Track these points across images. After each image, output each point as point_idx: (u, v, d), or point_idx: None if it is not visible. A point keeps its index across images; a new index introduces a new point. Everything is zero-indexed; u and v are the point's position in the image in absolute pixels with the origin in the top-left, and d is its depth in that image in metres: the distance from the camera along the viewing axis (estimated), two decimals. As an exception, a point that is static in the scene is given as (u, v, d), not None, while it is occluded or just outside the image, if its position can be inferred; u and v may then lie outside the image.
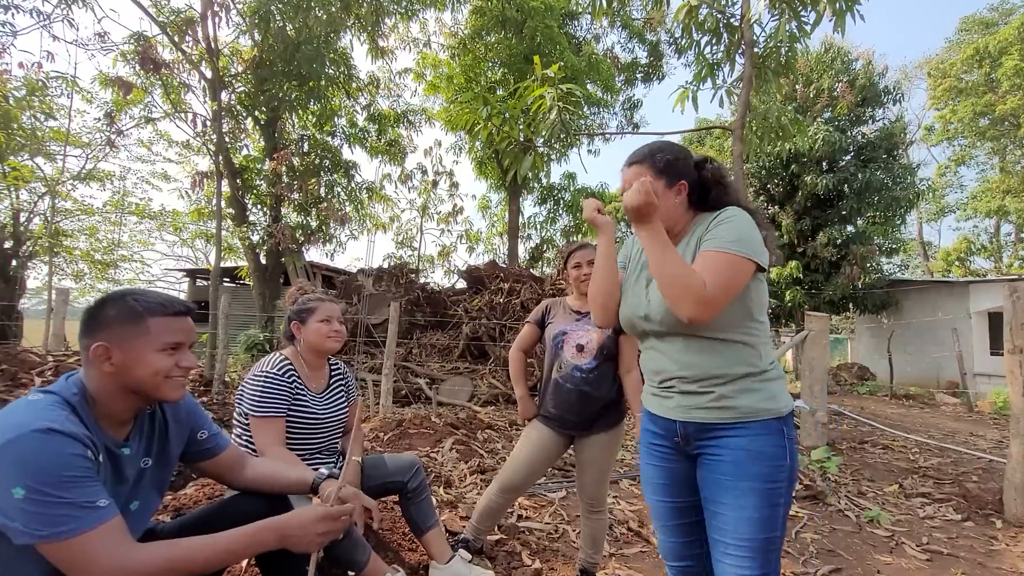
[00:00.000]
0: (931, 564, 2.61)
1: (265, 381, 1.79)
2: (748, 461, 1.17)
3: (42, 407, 1.00)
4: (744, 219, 1.22)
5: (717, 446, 1.22)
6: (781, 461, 1.18)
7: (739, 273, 1.16)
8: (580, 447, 2.12)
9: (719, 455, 1.21)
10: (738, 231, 1.19)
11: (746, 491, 1.17)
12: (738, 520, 1.17)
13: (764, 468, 1.17)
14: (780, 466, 1.18)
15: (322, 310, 1.95)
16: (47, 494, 0.91)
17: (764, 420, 1.20)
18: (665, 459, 1.35)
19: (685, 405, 1.27)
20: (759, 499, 1.16)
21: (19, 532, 0.90)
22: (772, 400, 1.21)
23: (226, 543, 1.09)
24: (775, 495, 1.17)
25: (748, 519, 1.15)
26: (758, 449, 1.18)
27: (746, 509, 1.16)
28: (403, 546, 2.18)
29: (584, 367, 2.04)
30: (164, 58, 9.65)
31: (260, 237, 10.49)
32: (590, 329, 2.06)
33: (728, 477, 1.19)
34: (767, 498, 1.16)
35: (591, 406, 2.04)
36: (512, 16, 12.30)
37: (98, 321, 1.10)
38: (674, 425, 1.29)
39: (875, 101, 13.89)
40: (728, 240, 1.17)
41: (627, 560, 2.50)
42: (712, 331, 1.22)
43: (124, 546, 0.98)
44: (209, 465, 1.40)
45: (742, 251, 1.16)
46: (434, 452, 3.82)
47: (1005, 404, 8.52)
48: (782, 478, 1.18)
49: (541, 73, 4.64)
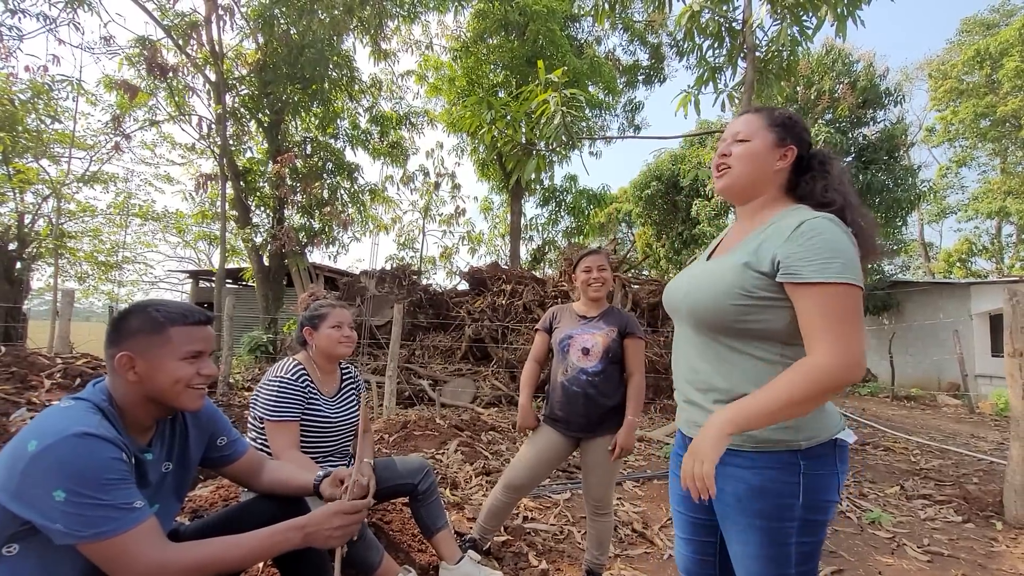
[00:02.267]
0: (932, 566, 2.64)
1: (279, 386, 1.83)
2: (750, 497, 1.04)
3: (77, 412, 1.04)
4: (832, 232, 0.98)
5: (721, 473, 1.04)
6: (790, 500, 1.01)
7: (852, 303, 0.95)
8: (586, 450, 2.15)
9: (722, 484, 1.07)
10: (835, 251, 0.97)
11: (748, 528, 1.05)
12: (744, 555, 1.07)
13: (768, 506, 1.03)
14: (788, 506, 1.02)
15: (334, 316, 1.99)
16: (87, 496, 0.95)
17: (776, 452, 1.03)
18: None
19: (691, 420, 1.17)
20: (762, 537, 1.03)
21: (60, 533, 0.94)
22: (790, 431, 1.03)
23: (254, 542, 1.14)
24: (782, 534, 1.02)
25: (753, 556, 1.05)
26: (761, 485, 1.03)
27: (750, 545, 1.05)
28: (413, 547, 2.22)
29: (590, 370, 2.07)
30: (168, 62, 9.70)
31: (263, 239, 10.53)
32: (595, 333, 2.10)
33: (730, 510, 1.08)
34: (772, 536, 1.03)
35: (597, 409, 2.07)
36: (514, 19, 12.36)
37: (122, 331, 1.14)
38: (685, 440, 1.21)
39: (876, 103, 13.90)
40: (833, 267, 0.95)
41: (632, 561, 2.53)
42: (728, 337, 1.08)
43: (160, 545, 1.03)
44: (228, 470, 1.44)
45: (845, 279, 0.94)
46: (439, 454, 3.85)
47: (1006, 406, 8.54)
48: (790, 517, 1.02)
49: (545, 77, 4.67)
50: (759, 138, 1.14)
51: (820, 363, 0.93)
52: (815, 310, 0.95)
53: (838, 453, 1.06)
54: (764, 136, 1.14)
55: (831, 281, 0.94)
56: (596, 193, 17.57)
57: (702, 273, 1.14)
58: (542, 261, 18.39)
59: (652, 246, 18.03)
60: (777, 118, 1.15)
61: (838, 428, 1.07)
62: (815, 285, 0.95)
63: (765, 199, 1.15)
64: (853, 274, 0.95)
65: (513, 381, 7.20)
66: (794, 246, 0.98)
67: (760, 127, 1.15)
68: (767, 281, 1.02)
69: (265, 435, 1.86)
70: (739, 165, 1.14)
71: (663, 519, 3.07)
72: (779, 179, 1.15)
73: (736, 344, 1.07)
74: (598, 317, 2.15)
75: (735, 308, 1.04)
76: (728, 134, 1.19)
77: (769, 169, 1.14)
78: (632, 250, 19.51)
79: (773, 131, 1.14)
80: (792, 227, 1.01)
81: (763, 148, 1.13)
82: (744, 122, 1.17)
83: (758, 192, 1.16)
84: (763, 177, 1.14)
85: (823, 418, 1.06)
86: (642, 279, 9.12)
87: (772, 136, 1.13)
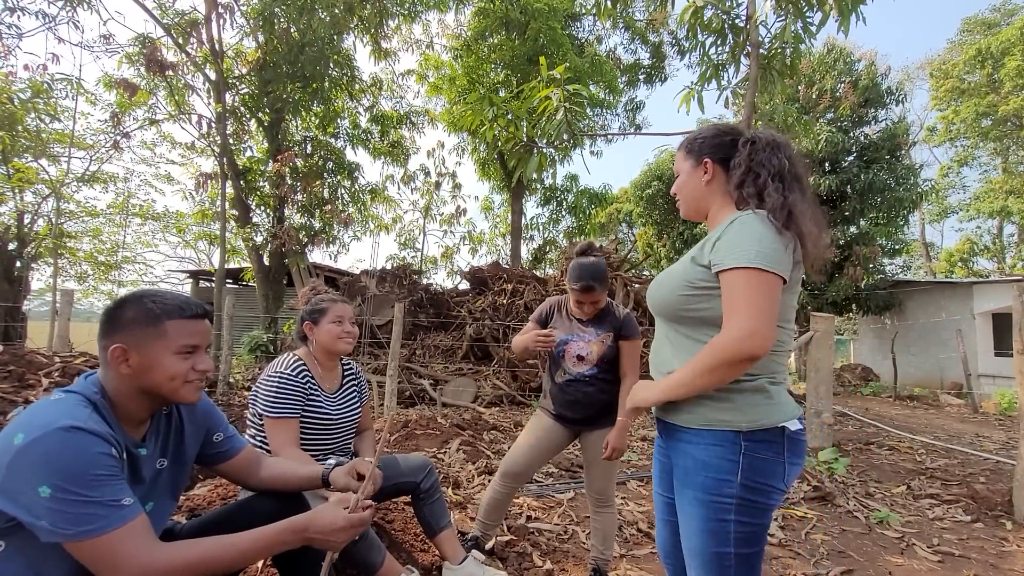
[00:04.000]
0: (943, 566, 2.60)
1: (279, 382, 1.79)
2: (694, 469, 1.14)
3: (66, 406, 1.00)
4: (753, 226, 1.08)
5: (675, 449, 1.21)
6: (728, 476, 1.09)
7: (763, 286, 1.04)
8: (586, 443, 2.14)
9: (675, 459, 1.21)
10: (752, 239, 1.06)
11: (691, 500, 1.14)
12: (687, 528, 1.16)
13: (707, 480, 1.11)
14: (726, 481, 1.09)
15: (334, 311, 1.95)
16: (73, 492, 0.91)
17: (718, 430, 1.11)
18: (658, 452, 1.37)
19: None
20: (702, 510, 1.11)
21: (46, 531, 0.90)
22: (734, 412, 1.11)
23: (249, 542, 1.09)
24: (721, 510, 1.09)
25: (695, 530, 1.13)
26: (704, 459, 1.12)
27: (693, 519, 1.14)
28: (416, 547, 2.18)
29: (586, 374, 2.07)
30: (168, 60, 9.67)
31: (264, 238, 10.49)
32: (591, 340, 2.07)
33: (679, 482, 1.19)
34: (711, 511, 1.10)
35: (593, 407, 2.08)
36: (515, 18, 12.33)
37: (116, 322, 1.10)
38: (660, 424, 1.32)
39: (878, 102, 13.88)
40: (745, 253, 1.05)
41: (637, 561, 2.49)
42: (682, 326, 1.20)
43: (149, 544, 0.98)
44: (225, 467, 1.40)
45: (753, 263, 1.03)
46: (441, 453, 3.82)
47: (1010, 405, 8.50)
48: (728, 494, 1.09)
49: (547, 74, 4.64)
50: (683, 169, 1.31)
51: (723, 337, 1.04)
52: (728, 291, 1.07)
53: (788, 443, 1.12)
54: (685, 165, 1.30)
55: (742, 266, 1.04)
56: (597, 193, 17.56)
57: (665, 273, 1.29)
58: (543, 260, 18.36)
59: (653, 246, 17.98)
60: (687, 144, 1.31)
61: (786, 417, 1.12)
62: (732, 270, 1.06)
63: (715, 210, 1.27)
64: (766, 261, 1.04)
65: (515, 380, 7.16)
66: (723, 239, 1.10)
67: (681, 158, 1.32)
68: (707, 272, 1.13)
69: (264, 433, 1.82)
70: (681, 196, 1.33)
71: (668, 519, 3.03)
72: (716, 190, 1.26)
73: (687, 331, 1.19)
74: (594, 321, 2.11)
75: (682, 298, 1.17)
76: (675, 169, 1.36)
77: (700, 188, 1.27)
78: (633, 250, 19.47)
79: (689, 157, 1.29)
80: (726, 224, 1.14)
81: (687, 175, 1.30)
82: (676, 160, 1.34)
83: (705, 208, 1.29)
84: (699, 196, 1.28)
85: (768, 405, 1.12)
86: (643, 279, 9.08)
87: (690, 161, 1.29)
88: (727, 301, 1.06)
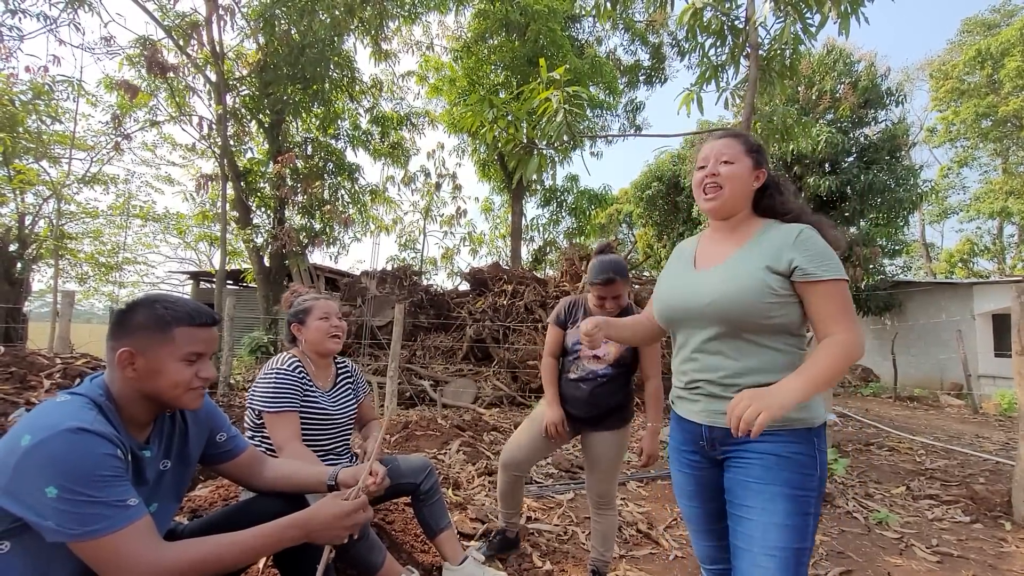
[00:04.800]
0: (942, 566, 2.61)
1: (276, 377, 1.81)
2: (778, 466, 1.15)
3: (72, 408, 1.01)
4: (821, 240, 1.21)
5: (746, 450, 1.20)
6: (811, 470, 1.16)
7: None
8: (587, 444, 2.14)
9: (748, 459, 1.19)
10: (830, 253, 1.19)
11: (776, 496, 1.14)
12: (767, 526, 1.13)
13: (794, 474, 1.14)
14: (810, 475, 1.15)
15: (319, 308, 1.96)
16: (80, 493, 0.92)
17: (795, 430, 1.17)
18: (692, 465, 1.34)
19: (711, 410, 1.26)
20: (790, 505, 1.13)
21: (52, 531, 0.91)
22: (806, 410, 1.17)
23: (252, 540, 1.10)
24: (805, 503, 1.14)
25: (778, 525, 1.12)
26: (788, 455, 1.16)
27: (776, 515, 1.13)
28: (416, 547, 2.19)
29: (600, 372, 2.06)
30: (169, 62, 9.68)
31: (264, 240, 10.50)
32: (609, 340, 2.06)
33: (757, 480, 1.17)
34: (798, 505, 1.13)
35: (599, 408, 2.06)
36: (515, 19, 12.35)
37: (126, 326, 1.11)
38: (700, 429, 1.29)
39: (877, 103, 13.87)
40: (834, 265, 1.17)
41: (637, 562, 2.50)
42: (752, 334, 1.21)
43: (154, 544, 1.00)
44: (228, 467, 1.41)
45: (843, 275, 1.17)
46: (441, 454, 3.83)
47: (1010, 406, 8.50)
48: (812, 487, 1.15)
49: (547, 76, 4.65)
50: (741, 162, 1.29)
51: (850, 339, 1.11)
52: (826, 300, 1.15)
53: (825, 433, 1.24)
54: (744, 160, 1.29)
55: (839, 278, 1.15)
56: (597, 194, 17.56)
57: (721, 280, 1.24)
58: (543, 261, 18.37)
59: (653, 247, 17.97)
60: (753, 145, 1.32)
61: (825, 411, 1.25)
62: (826, 282, 1.15)
63: (742, 215, 1.32)
64: (845, 274, 1.18)
65: (515, 381, 7.17)
66: (802, 251, 1.17)
67: (740, 151, 1.30)
68: (784, 281, 1.18)
69: (262, 434, 1.83)
70: (729, 186, 1.29)
71: (668, 519, 3.04)
72: (751, 197, 1.32)
73: (763, 339, 1.21)
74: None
75: (767, 306, 1.18)
76: (710, 154, 1.31)
77: (749, 190, 1.31)
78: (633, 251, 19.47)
79: (750, 156, 1.30)
80: (794, 235, 1.20)
81: (745, 171, 1.29)
82: (726, 145, 1.31)
83: (739, 209, 1.32)
84: (745, 196, 1.31)
85: (818, 402, 1.21)
86: (643, 279, 9.09)
87: (750, 160, 1.30)
88: (828, 309, 1.15)
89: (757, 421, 0.99)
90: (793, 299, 1.19)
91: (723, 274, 1.25)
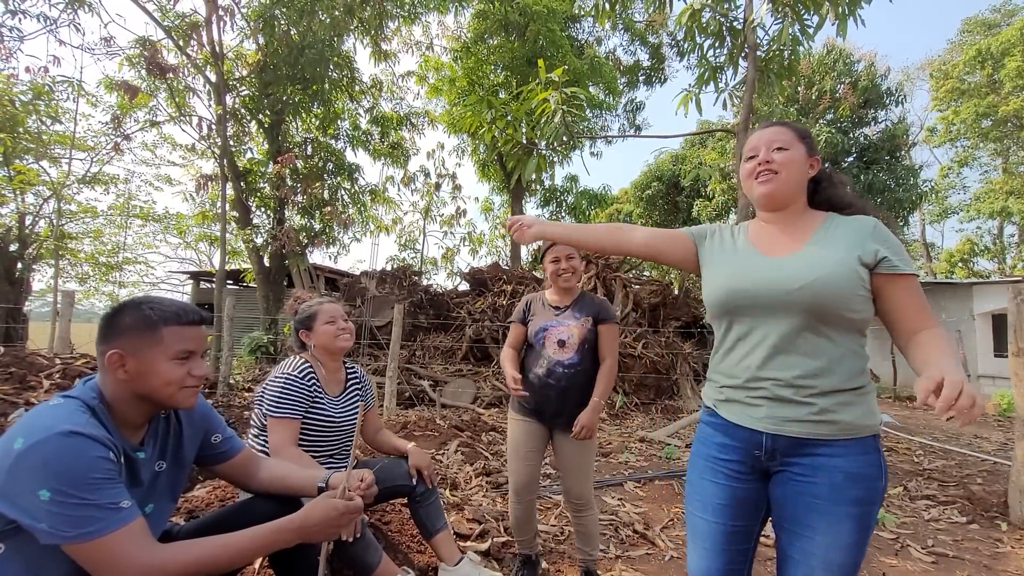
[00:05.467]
0: (937, 567, 2.62)
1: (286, 383, 1.83)
2: (847, 485, 1.07)
3: (65, 411, 1.02)
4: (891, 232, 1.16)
5: (810, 465, 1.10)
6: (878, 482, 1.09)
7: None
8: (560, 446, 2.13)
9: (812, 477, 1.10)
10: (903, 247, 1.14)
11: (843, 517, 1.07)
12: (830, 546, 1.07)
13: (862, 492, 1.07)
14: (876, 488, 1.09)
15: (324, 312, 1.98)
16: (72, 496, 0.93)
17: (863, 438, 1.09)
18: (732, 478, 1.20)
19: (779, 416, 1.13)
20: (855, 524, 1.07)
21: (45, 533, 0.92)
22: (872, 415, 1.11)
23: (246, 541, 1.11)
24: (869, 517, 1.08)
25: (842, 545, 1.07)
26: (857, 471, 1.08)
27: (842, 535, 1.07)
28: (412, 548, 2.20)
29: (567, 362, 2.05)
30: (169, 62, 9.71)
31: (264, 240, 10.52)
32: (571, 324, 2.07)
33: (823, 501, 1.08)
34: (862, 523, 1.07)
35: (570, 401, 2.06)
36: (515, 19, 12.36)
37: (114, 328, 1.12)
38: (759, 438, 1.15)
39: (877, 103, 13.87)
40: (910, 260, 1.12)
41: (633, 563, 2.51)
42: (832, 328, 1.11)
43: (147, 546, 1.00)
44: (223, 468, 1.42)
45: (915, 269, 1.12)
46: (439, 454, 3.83)
47: (1009, 406, 8.50)
48: (878, 500, 1.10)
49: (545, 77, 4.66)
50: (795, 149, 1.21)
51: (945, 334, 1.07)
52: (916, 295, 1.10)
53: None
54: (799, 146, 1.22)
55: (916, 273, 1.11)
56: (597, 193, 17.57)
57: (808, 267, 1.12)
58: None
59: (653, 247, 17.95)
60: (804, 132, 1.25)
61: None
62: (911, 276, 1.10)
63: (798, 206, 1.24)
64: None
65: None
66: (885, 243, 1.11)
67: (793, 138, 1.22)
68: (868, 274, 1.11)
69: (266, 435, 1.84)
70: (785, 171, 1.20)
71: (664, 520, 3.04)
72: (804, 188, 1.24)
73: (834, 335, 1.11)
74: (571, 306, 2.12)
75: (856, 298, 1.09)
76: (760, 143, 1.23)
77: (804, 177, 1.23)
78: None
79: (803, 144, 1.23)
80: (871, 226, 1.13)
81: (801, 157, 1.21)
82: (777, 132, 1.23)
83: (794, 198, 1.23)
84: (800, 184, 1.23)
85: (876, 404, 1.15)
86: (643, 280, 9.09)
87: (804, 148, 1.23)
88: (916, 303, 1.10)
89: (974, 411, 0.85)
90: (871, 295, 1.11)
91: (811, 259, 1.13)
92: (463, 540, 2.41)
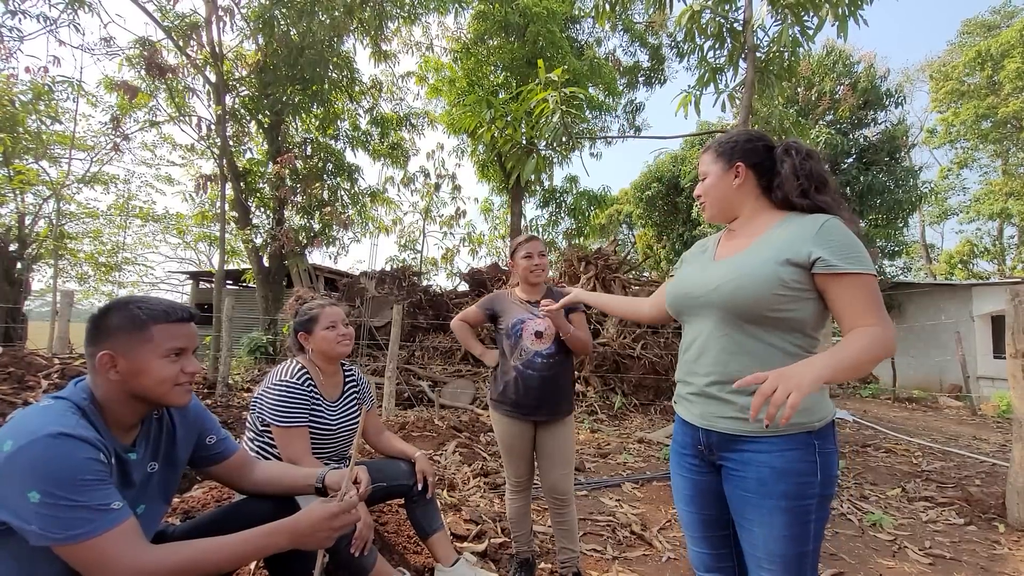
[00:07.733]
0: (934, 568, 2.62)
1: (285, 390, 1.80)
2: (773, 479, 1.11)
3: (55, 412, 1.01)
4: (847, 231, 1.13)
5: (741, 460, 1.16)
6: (810, 478, 1.11)
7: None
8: (541, 440, 2.16)
9: (743, 472, 1.16)
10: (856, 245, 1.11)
11: (772, 510, 1.11)
12: (767, 537, 1.13)
13: (791, 487, 1.10)
14: (809, 483, 1.11)
15: (326, 316, 1.95)
16: (62, 497, 0.92)
17: (793, 434, 1.12)
18: (691, 470, 1.31)
19: (709, 413, 1.22)
20: (787, 517, 1.11)
21: (36, 535, 0.92)
22: (806, 413, 1.12)
23: (239, 544, 1.10)
24: (804, 512, 1.11)
25: (778, 537, 1.12)
26: (783, 466, 1.11)
27: (775, 527, 1.12)
28: (408, 549, 2.19)
29: (545, 352, 2.11)
30: (169, 62, 9.71)
31: (263, 240, 10.52)
32: (545, 316, 2.11)
33: (753, 495, 1.14)
34: (796, 516, 1.11)
35: (550, 392, 2.11)
36: (514, 20, 12.35)
37: (102, 329, 1.11)
38: (697, 433, 1.26)
39: (877, 104, 13.88)
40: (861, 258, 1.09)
41: (630, 564, 2.51)
42: (755, 326, 1.15)
43: (139, 547, 1.00)
44: (218, 470, 1.41)
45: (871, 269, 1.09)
46: (437, 455, 3.83)
47: (1008, 408, 8.49)
48: (811, 494, 1.11)
49: (544, 77, 4.66)
50: (711, 171, 1.31)
51: (881, 332, 1.06)
52: (854, 294, 1.08)
53: (834, 431, 1.19)
54: (715, 168, 1.31)
55: (867, 272, 1.08)
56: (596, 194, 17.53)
57: (730, 269, 1.21)
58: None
59: (653, 247, 18.01)
60: (720, 147, 1.31)
61: (833, 407, 1.20)
62: (852, 275, 1.08)
63: (749, 211, 1.29)
64: (873, 268, 1.11)
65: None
66: (826, 242, 1.10)
67: (710, 161, 1.32)
68: (802, 273, 1.12)
69: (263, 439, 1.84)
70: (708, 198, 1.33)
71: (662, 521, 3.04)
72: (748, 193, 1.29)
73: (762, 335, 1.16)
74: (542, 299, 2.16)
75: (775, 297, 1.12)
76: (701, 170, 1.36)
77: (730, 192, 1.29)
78: (633, 251, 19.48)
79: (720, 160, 1.30)
80: (816, 226, 1.13)
81: (716, 178, 1.30)
82: (701, 163, 1.35)
83: (736, 211, 1.31)
84: (729, 199, 1.30)
85: (826, 400, 1.17)
86: (643, 280, 9.09)
87: (720, 165, 1.30)
88: (855, 304, 1.08)
89: (789, 402, 0.90)
90: (809, 294, 1.12)
91: (733, 263, 1.21)
92: (460, 541, 2.41)
